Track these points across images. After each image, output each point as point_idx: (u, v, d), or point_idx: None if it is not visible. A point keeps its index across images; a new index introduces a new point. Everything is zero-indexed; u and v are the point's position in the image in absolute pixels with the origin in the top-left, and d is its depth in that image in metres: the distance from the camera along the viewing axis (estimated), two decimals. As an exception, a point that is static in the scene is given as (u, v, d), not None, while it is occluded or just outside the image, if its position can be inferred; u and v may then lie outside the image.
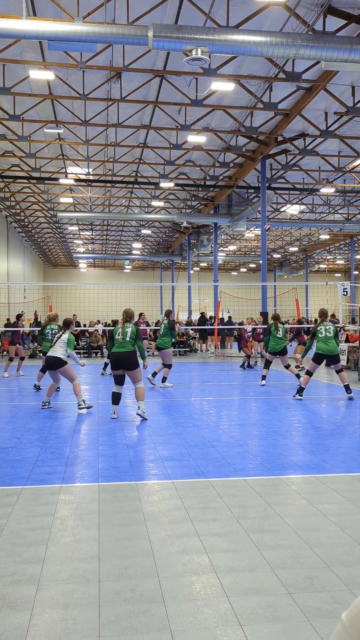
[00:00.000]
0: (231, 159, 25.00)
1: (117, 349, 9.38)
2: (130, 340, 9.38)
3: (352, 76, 17.09)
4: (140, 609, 3.25)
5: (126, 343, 9.36)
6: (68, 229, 40.80)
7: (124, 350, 9.33)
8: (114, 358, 9.37)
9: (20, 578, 3.66)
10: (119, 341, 9.39)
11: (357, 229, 33.65)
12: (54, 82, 17.35)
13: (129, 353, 9.32)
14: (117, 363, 9.36)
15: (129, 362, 9.31)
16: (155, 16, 13.59)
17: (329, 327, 11.43)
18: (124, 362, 9.30)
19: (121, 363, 9.33)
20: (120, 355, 9.31)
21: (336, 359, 11.57)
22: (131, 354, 9.34)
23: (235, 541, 4.19)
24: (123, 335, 9.40)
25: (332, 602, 3.30)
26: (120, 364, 9.34)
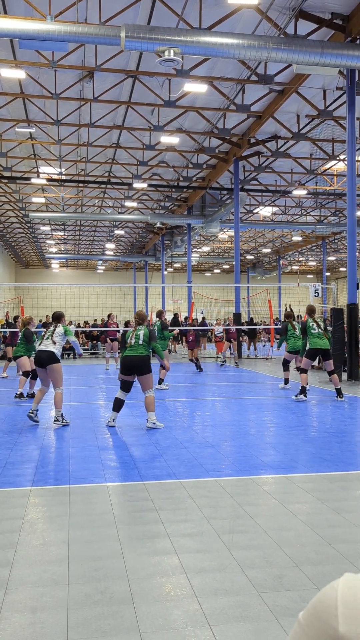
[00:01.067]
0: (204, 161, 25.07)
1: (130, 352, 8.73)
2: (143, 344, 8.74)
3: (324, 79, 17.27)
4: (110, 611, 3.23)
5: (139, 347, 8.72)
6: (40, 229, 40.48)
7: (136, 354, 8.69)
8: (126, 362, 8.72)
9: (-12, 582, 3.61)
10: (131, 345, 8.78)
11: (329, 230, 34.02)
12: (26, 81, 17.20)
13: (142, 357, 8.68)
14: (129, 368, 8.71)
15: (142, 367, 8.68)
16: (127, 16, 13.56)
17: (319, 322, 11.56)
18: (136, 366, 8.66)
19: (134, 368, 8.68)
20: (133, 359, 8.66)
21: (329, 354, 11.55)
22: (144, 358, 8.70)
23: (206, 542, 4.20)
24: (136, 338, 8.78)
25: (301, 600, 3.33)
26: (133, 369, 8.70)
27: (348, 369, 14.69)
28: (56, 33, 11.26)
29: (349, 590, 0.77)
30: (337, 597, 0.77)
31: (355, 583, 0.78)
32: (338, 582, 0.80)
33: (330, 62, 12.52)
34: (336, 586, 0.79)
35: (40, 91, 17.61)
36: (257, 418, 9.62)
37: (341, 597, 0.77)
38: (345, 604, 0.76)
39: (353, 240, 14.89)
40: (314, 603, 0.81)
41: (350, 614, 0.75)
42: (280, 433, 8.29)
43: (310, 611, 0.81)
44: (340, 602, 0.77)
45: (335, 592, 0.78)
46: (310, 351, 11.40)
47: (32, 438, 8.03)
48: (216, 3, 13.24)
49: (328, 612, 0.77)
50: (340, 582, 0.79)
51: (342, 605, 0.76)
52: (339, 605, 0.76)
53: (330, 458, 6.71)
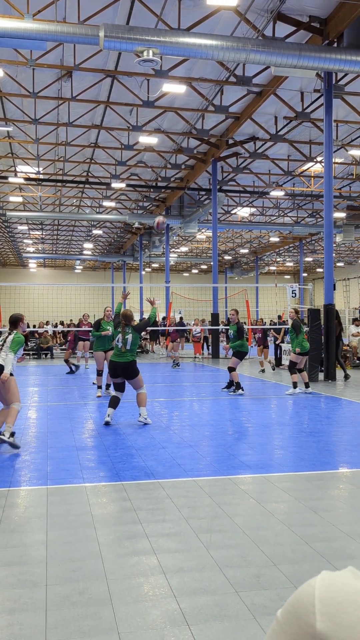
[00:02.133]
0: (183, 161, 25.11)
1: (117, 358, 8.77)
2: (131, 349, 8.80)
3: (301, 82, 17.40)
4: (88, 612, 3.23)
5: (127, 353, 8.76)
6: (17, 228, 40.16)
7: (124, 360, 8.74)
8: (113, 367, 8.84)
9: (-35, 584, 3.59)
10: (120, 349, 8.77)
11: (306, 231, 34.28)
12: (3, 79, 17.07)
13: (129, 363, 8.75)
14: (116, 372, 8.86)
15: (129, 372, 8.81)
16: (106, 16, 13.53)
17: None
18: (124, 371, 8.80)
19: (122, 372, 8.81)
20: (121, 365, 8.75)
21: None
22: (131, 363, 8.78)
23: (184, 541, 4.21)
24: (124, 343, 8.75)
25: (279, 599, 3.36)
26: (120, 373, 8.84)
27: (325, 369, 14.83)
28: (34, 32, 11.20)
29: (326, 587, 0.78)
30: (315, 595, 0.78)
31: (333, 580, 0.79)
32: (315, 579, 0.81)
33: (308, 65, 12.62)
34: (313, 584, 0.80)
35: (18, 90, 17.49)
36: (235, 418, 9.66)
37: (318, 595, 0.78)
38: (322, 601, 0.77)
39: (330, 241, 15.03)
40: (292, 601, 0.82)
41: (327, 611, 0.76)
42: (258, 433, 8.34)
43: (288, 609, 0.82)
44: (318, 600, 0.77)
45: (312, 590, 0.79)
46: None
47: (10, 439, 7.96)
48: (195, 4, 13.27)
49: (306, 609, 0.78)
50: (318, 579, 0.80)
51: (320, 603, 0.77)
52: (316, 602, 0.77)
53: (308, 457, 6.77)
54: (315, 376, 14.77)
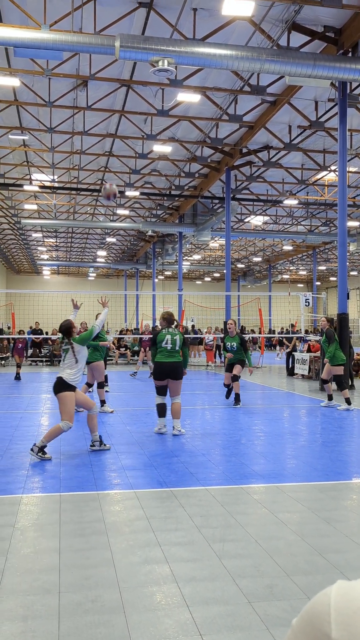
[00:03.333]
0: (196, 170, 25.17)
1: (167, 358, 8.74)
2: (178, 350, 8.81)
3: (316, 91, 17.42)
4: (101, 619, 3.24)
5: (176, 352, 8.79)
6: (32, 236, 40.41)
7: (174, 360, 8.76)
8: (163, 368, 8.74)
9: (-22, 590, 3.61)
10: (168, 350, 8.75)
11: (319, 240, 34.18)
12: (20, 89, 17.24)
13: (179, 363, 8.80)
14: (165, 373, 8.78)
15: (178, 372, 8.81)
16: (122, 26, 13.64)
17: None
18: (173, 372, 8.77)
19: (170, 373, 8.78)
20: (172, 365, 8.74)
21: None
22: (180, 363, 8.82)
23: (197, 551, 4.21)
24: (172, 343, 8.76)
25: (292, 610, 3.35)
26: (169, 374, 8.78)
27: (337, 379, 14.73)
28: (51, 42, 11.31)
29: (342, 597, 0.79)
30: (330, 604, 0.79)
31: (348, 590, 0.80)
32: (331, 589, 0.81)
33: (322, 74, 12.64)
34: (329, 593, 0.80)
35: (34, 99, 17.65)
36: (247, 427, 9.64)
37: (334, 604, 0.78)
38: (338, 610, 0.77)
39: (344, 250, 14.99)
40: (307, 610, 0.82)
41: (343, 620, 0.76)
42: (270, 442, 8.32)
43: (304, 618, 0.82)
44: (333, 609, 0.78)
45: (328, 599, 0.80)
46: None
47: (23, 446, 8.00)
48: (210, 14, 13.35)
49: (321, 618, 0.78)
50: (333, 589, 0.81)
51: (335, 612, 0.77)
52: (331, 611, 0.78)
53: (321, 467, 6.74)
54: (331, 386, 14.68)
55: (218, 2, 12.27)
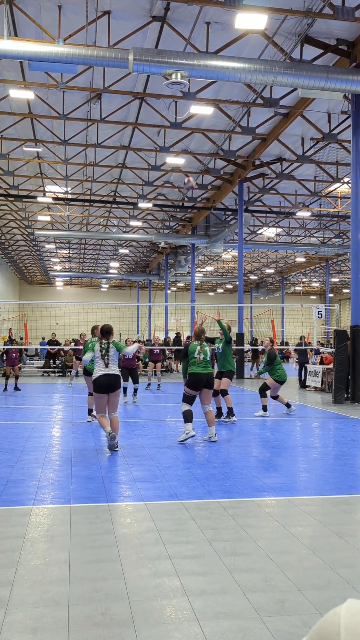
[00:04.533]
0: (209, 182, 25.26)
1: (201, 369, 9.12)
2: (210, 361, 9.33)
3: (328, 104, 17.46)
4: (111, 633, 3.21)
5: (208, 363, 9.25)
6: (45, 247, 40.69)
7: (207, 371, 9.19)
8: (198, 379, 9.10)
9: (-12, 602, 3.60)
10: (200, 361, 9.15)
11: (332, 252, 34.12)
12: (34, 102, 17.43)
13: (212, 374, 9.35)
14: (200, 383, 9.13)
15: (212, 382, 9.35)
16: (136, 40, 13.77)
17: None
18: (208, 382, 9.19)
19: (206, 383, 9.16)
20: (207, 376, 9.16)
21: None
22: (212, 374, 9.40)
23: (207, 564, 4.17)
24: (204, 354, 9.20)
25: (303, 626, 3.30)
26: (205, 384, 9.17)
27: (351, 391, 14.65)
28: (65, 55, 11.43)
29: (352, 616, 0.77)
30: (340, 624, 0.77)
31: (359, 609, 0.78)
32: (341, 608, 0.80)
33: (335, 87, 12.67)
34: (339, 612, 0.79)
35: (48, 111, 17.84)
36: (259, 439, 9.58)
37: (344, 624, 0.77)
38: (348, 630, 0.76)
39: (357, 262, 14.93)
40: (317, 629, 0.81)
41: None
42: (282, 454, 8.26)
43: (313, 637, 0.81)
44: (343, 629, 0.77)
45: (338, 618, 0.78)
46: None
47: (34, 456, 8.01)
48: (223, 28, 13.44)
49: (331, 638, 0.77)
50: (343, 608, 0.79)
51: (345, 632, 0.76)
52: (341, 631, 0.76)
53: (333, 481, 6.68)
54: (341, 398, 14.61)
55: (231, 16, 12.36)
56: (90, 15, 12.61)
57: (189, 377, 9.19)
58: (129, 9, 13.01)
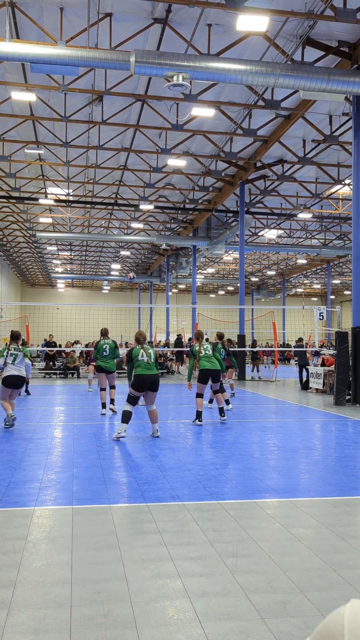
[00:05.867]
0: (211, 183, 25.28)
1: (147, 371, 9.36)
2: (154, 362, 9.54)
3: (330, 105, 17.47)
4: (113, 634, 3.21)
5: (153, 365, 9.48)
6: (47, 249, 40.73)
7: (154, 372, 9.43)
8: (144, 380, 9.31)
9: (-10, 603, 3.60)
10: (147, 363, 9.39)
11: (334, 254, 34.12)
12: (36, 104, 17.46)
13: (158, 375, 9.56)
14: (146, 385, 9.36)
15: (158, 384, 9.52)
16: (137, 42, 13.79)
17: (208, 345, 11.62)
18: (154, 384, 9.43)
19: (152, 385, 9.39)
20: (153, 377, 9.39)
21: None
22: (159, 376, 9.61)
23: (209, 565, 4.17)
24: (148, 356, 9.44)
25: (305, 627, 3.30)
26: (151, 386, 9.39)
27: (353, 393, 14.64)
28: (67, 57, 11.45)
29: (356, 617, 0.77)
30: (344, 624, 0.77)
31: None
32: (344, 608, 0.80)
33: (336, 89, 12.67)
34: (342, 612, 0.79)
35: (50, 114, 17.86)
36: (261, 441, 9.58)
37: (348, 624, 0.77)
38: (351, 630, 0.76)
39: (358, 263, 14.91)
40: (320, 630, 0.81)
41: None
42: (284, 456, 8.26)
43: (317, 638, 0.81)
44: (347, 629, 0.77)
45: (341, 619, 0.78)
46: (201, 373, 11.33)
47: (36, 458, 8.01)
48: (225, 30, 13.46)
49: (334, 638, 0.77)
50: (347, 608, 0.79)
51: (349, 632, 0.76)
52: (345, 632, 0.76)
53: (335, 482, 6.68)
54: (343, 400, 14.59)
55: (233, 18, 12.38)
56: (92, 17, 12.63)
57: (134, 378, 9.45)
58: (131, 11, 13.03)
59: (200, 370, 11.25)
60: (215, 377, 11.37)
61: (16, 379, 10.60)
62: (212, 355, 11.31)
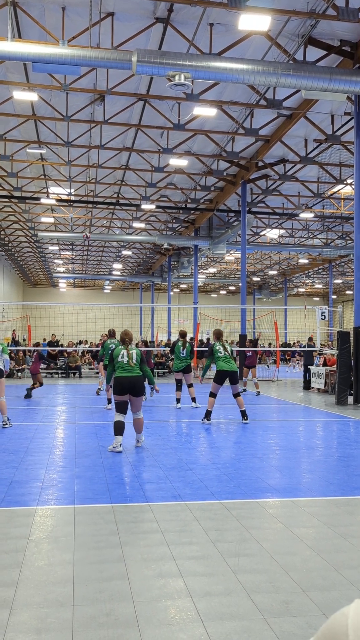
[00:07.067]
0: (212, 183, 25.27)
1: (126, 373, 8.50)
2: (136, 364, 8.61)
3: (332, 105, 17.45)
4: (115, 633, 3.21)
5: (135, 367, 8.57)
6: (48, 249, 40.74)
7: (134, 375, 8.52)
8: (123, 383, 8.47)
9: (-8, 602, 3.60)
10: (128, 365, 8.54)
11: (335, 253, 34.09)
12: (38, 103, 17.46)
13: (139, 378, 8.58)
14: (125, 388, 8.51)
15: (139, 387, 8.57)
16: (139, 41, 13.78)
17: (226, 346, 11.52)
18: (133, 387, 8.51)
19: (130, 389, 8.51)
20: (131, 379, 8.48)
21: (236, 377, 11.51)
22: (140, 378, 8.60)
23: (211, 565, 4.17)
24: (129, 358, 8.58)
25: (307, 627, 3.30)
26: (129, 390, 8.52)
27: (354, 393, 14.63)
28: (69, 57, 11.45)
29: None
30: (348, 624, 0.77)
31: None
32: (349, 608, 0.80)
33: (338, 88, 12.66)
34: (347, 613, 0.79)
35: (52, 113, 17.86)
36: (263, 440, 9.58)
37: (352, 624, 0.77)
38: (356, 630, 0.76)
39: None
40: (324, 630, 0.81)
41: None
42: (285, 456, 8.25)
43: (320, 638, 0.81)
44: (351, 629, 0.76)
45: (345, 619, 0.78)
46: (219, 374, 11.25)
47: (38, 457, 8.02)
48: (227, 29, 13.45)
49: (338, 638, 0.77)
50: (351, 608, 0.79)
51: (353, 633, 0.76)
52: (349, 632, 0.76)
53: (337, 482, 6.67)
54: (345, 400, 14.58)
55: (234, 17, 12.37)
56: (94, 17, 12.62)
57: (114, 381, 8.66)
58: (133, 11, 13.02)
59: (217, 370, 11.19)
60: (233, 379, 11.17)
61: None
62: (229, 356, 11.22)
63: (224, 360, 11.15)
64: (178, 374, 14.29)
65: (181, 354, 13.99)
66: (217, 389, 11.29)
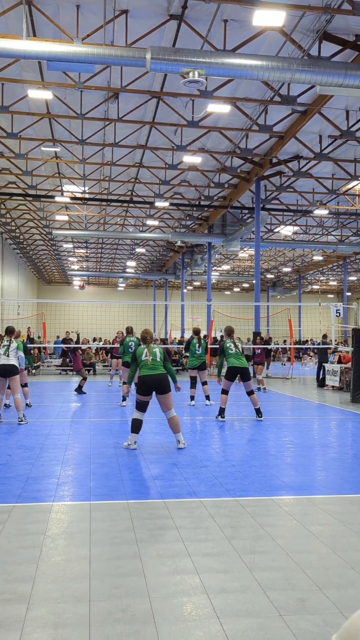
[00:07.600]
0: (226, 180, 25.20)
1: (150, 371, 8.38)
2: (160, 362, 8.49)
3: (347, 100, 17.34)
4: (131, 629, 3.23)
5: (158, 365, 8.45)
6: (63, 247, 40.87)
7: (158, 372, 8.40)
8: (147, 381, 8.34)
9: (10, 597, 3.63)
10: (148, 363, 8.41)
11: (350, 250, 33.87)
12: (52, 102, 17.51)
13: (164, 375, 8.45)
14: (150, 387, 8.38)
15: (164, 385, 8.42)
16: (153, 39, 13.77)
17: (237, 343, 11.59)
18: (159, 385, 8.37)
19: (156, 387, 8.37)
20: (156, 378, 8.35)
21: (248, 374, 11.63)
22: (165, 376, 8.47)
23: (227, 562, 4.17)
24: (152, 355, 8.46)
25: (324, 625, 3.29)
26: (155, 388, 8.38)
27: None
28: (83, 55, 11.46)
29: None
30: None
31: None
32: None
33: (354, 84, 12.55)
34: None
35: (66, 111, 17.90)
36: (277, 438, 9.56)
37: None
38: None
39: (375, 260, 14.81)
40: (347, 626, 0.81)
41: None
42: (300, 453, 8.23)
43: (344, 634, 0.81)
44: None
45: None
46: (230, 371, 11.36)
47: (53, 454, 8.06)
48: (241, 26, 13.40)
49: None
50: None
51: None
52: None
53: (352, 480, 6.65)
54: (359, 397, 14.51)
55: (249, 13, 12.32)
56: (108, 14, 12.62)
57: (138, 380, 8.52)
58: (147, 8, 13.01)
59: (228, 367, 11.34)
60: (245, 375, 11.33)
61: (6, 366, 10.91)
62: (240, 353, 11.33)
63: (234, 357, 11.27)
64: (193, 371, 14.31)
65: (197, 351, 13.99)
66: (228, 386, 11.45)
